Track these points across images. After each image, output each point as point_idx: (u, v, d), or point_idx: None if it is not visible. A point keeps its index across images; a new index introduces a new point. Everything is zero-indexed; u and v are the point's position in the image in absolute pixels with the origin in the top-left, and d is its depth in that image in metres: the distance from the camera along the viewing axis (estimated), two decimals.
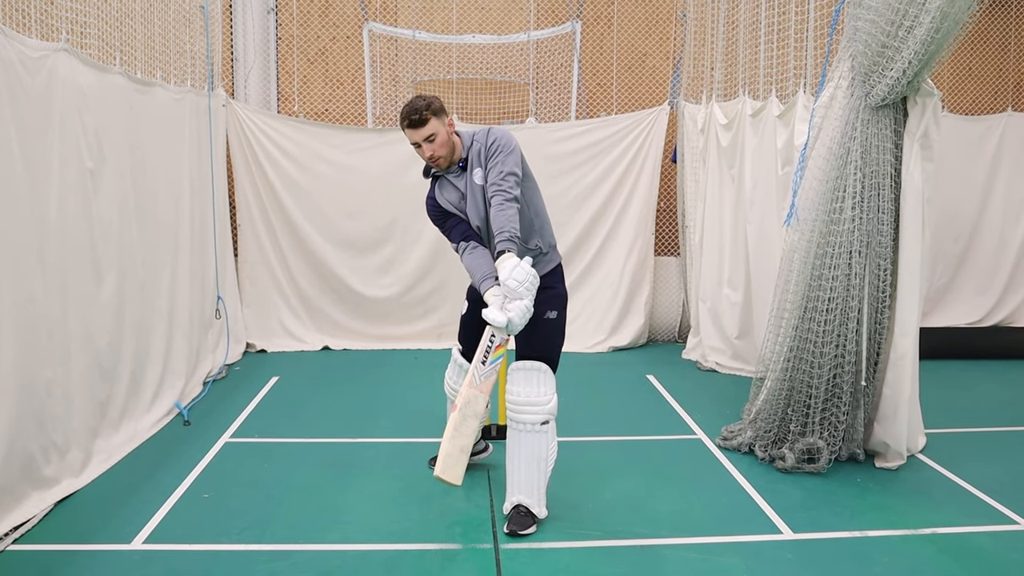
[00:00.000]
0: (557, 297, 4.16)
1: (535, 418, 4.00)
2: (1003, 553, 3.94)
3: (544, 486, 4.12)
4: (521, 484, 4.08)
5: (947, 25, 4.36)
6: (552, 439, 4.08)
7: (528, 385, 4.03)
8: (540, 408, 4.00)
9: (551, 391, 4.05)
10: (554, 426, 4.09)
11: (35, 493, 4.20)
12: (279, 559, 3.81)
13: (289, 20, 8.26)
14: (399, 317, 8.14)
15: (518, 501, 4.08)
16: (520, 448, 4.06)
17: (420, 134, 3.94)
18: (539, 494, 4.10)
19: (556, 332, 4.15)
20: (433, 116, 3.93)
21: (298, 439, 5.47)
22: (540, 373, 4.04)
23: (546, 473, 4.10)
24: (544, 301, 4.05)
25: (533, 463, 4.04)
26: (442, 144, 3.98)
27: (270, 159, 7.84)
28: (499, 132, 4.02)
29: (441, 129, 3.97)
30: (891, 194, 4.78)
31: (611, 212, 8.16)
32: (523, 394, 4.02)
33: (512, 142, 3.98)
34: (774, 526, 4.21)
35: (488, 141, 3.99)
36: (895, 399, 4.91)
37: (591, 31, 8.49)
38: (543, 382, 4.04)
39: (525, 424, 4.01)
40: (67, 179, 4.57)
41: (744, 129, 6.90)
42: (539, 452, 4.04)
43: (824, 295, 4.83)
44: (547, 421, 4.02)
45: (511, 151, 3.94)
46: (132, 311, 5.40)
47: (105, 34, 5.16)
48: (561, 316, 4.17)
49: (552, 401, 4.04)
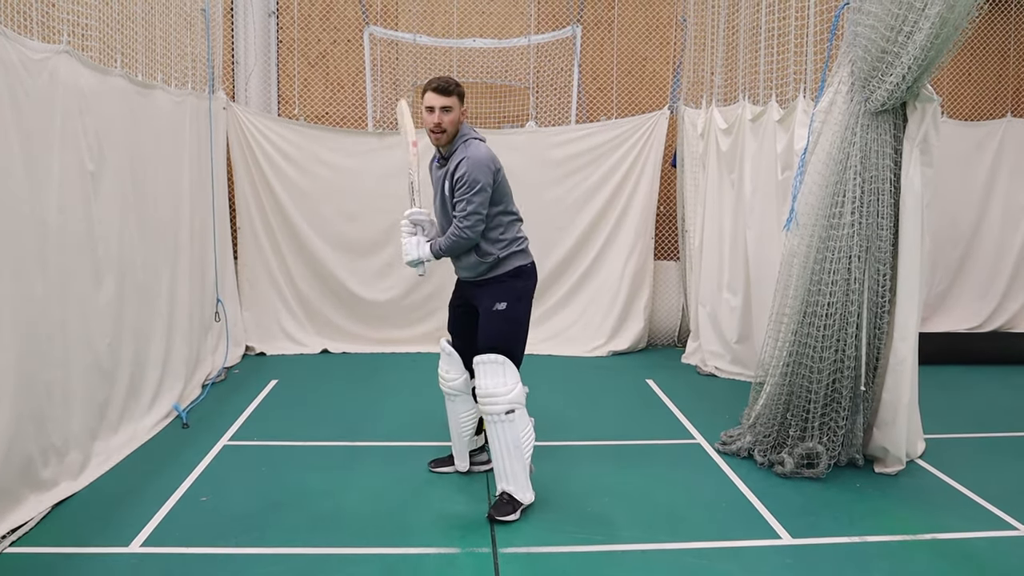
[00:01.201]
0: (507, 290, 4.39)
1: (498, 408, 4.21)
2: (1002, 559, 3.94)
3: (523, 471, 4.29)
4: (501, 472, 4.30)
5: (946, 31, 4.37)
6: (522, 427, 4.26)
7: (486, 377, 4.27)
8: (501, 398, 4.21)
9: (512, 380, 4.26)
10: (522, 413, 4.27)
11: (33, 495, 4.19)
12: (277, 563, 3.80)
13: (290, 23, 8.27)
14: (398, 320, 8.14)
15: (502, 489, 4.30)
16: (494, 438, 4.28)
17: (441, 100, 4.27)
18: (520, 479, 4.28)
19: (508, 323, 4.37)
20: (457, 96, 4.33)
21: (297, 442, 5.47)
22: (496, 364, 4.26)
23: (523, 459, 4.28)
24: (492, 294, 4.39)
25: (507, 451, 4.25)
26: (451, 122, 4.32)
27: (270, 162, 7.85)
28: (469, 167, 4.24)
29: (457, 109, 4.33)
30: (890, 199, 4.78)
31: (611, 216, 8.17)
32: (483, 386, 4.26)
33: (478, 182, 4.22)
34: (773, 531, 4.21)
35: (457, 172, 4.28)
36: (894, 404, 4.91)
37: (591, 35, 8.50)
38: (500, 372, 4.26)
39: (491, 416, 4.24)
40: (67, 181, 4.57)
41: (744, 134, 6.91)
42: (510, 440, 4.24)
43: (824, 300, 4.83)
44: (512, 410, 4.22)
45: (477, 190, 4.23)
46: (132, 313, 5.40)
47: (106, 36, 5.16)
48: (513, 308, 4.38)
49: (514, 391, 4.24)
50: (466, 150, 4.30)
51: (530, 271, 4.51)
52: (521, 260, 4.46)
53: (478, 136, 4.43)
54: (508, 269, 4.41)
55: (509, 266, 4.41)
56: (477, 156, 4.25)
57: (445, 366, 4.71)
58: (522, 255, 4.47)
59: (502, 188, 4.39)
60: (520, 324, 4.44)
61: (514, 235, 4.46)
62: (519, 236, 4.50)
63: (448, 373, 4.68)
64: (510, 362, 4.29)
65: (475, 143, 4.34)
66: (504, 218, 4.42)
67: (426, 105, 4.31)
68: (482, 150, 4.31)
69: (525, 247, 4.52)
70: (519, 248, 4.46)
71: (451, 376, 4.67)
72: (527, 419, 4.33)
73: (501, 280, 4.41)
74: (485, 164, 4.26)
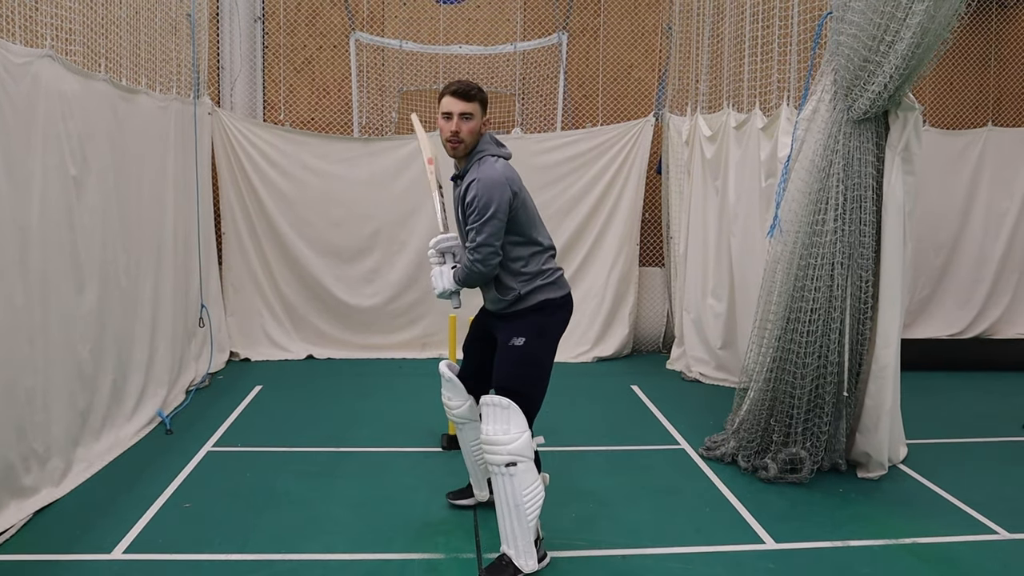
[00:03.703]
0: (528, 325, 3.86)
1: (498, 459, 3.66)
2: (982, 563, 3.97)
3: (525, 536, 3.71)
4: (504, 531, 3.75)
5: (928, 40, 4.42)
6: (526, 483, 3.67)
7: (488, 422, 3.74)
8: (502, 448, 3.65)
9: (516, 429, 3.68)
10: (526, 468, 3.67)
11: (14, 502, 4.16)
12: (261, 569, 3.79)
13: (276, 29, 8.26)
14: (383, 326, 8.13)
15: (503, 550, 3.77)
16: (496, 491, 3.75)
17: (460, 106, 3.78)
18: (520, 545, 3.72)
19: (524, 362, 3.83)
20: (480, 103, 3.84)
21: (281, 448, 5.44)
22: (500, 409, 3.72)
23: (525, 522, 3.69)
24: (511, 328, 3.87)
25: (507, 509, 3.70)
26: (471, 131, 3.82)
27: (256, 168, 7.83)
28: (479, 190, 3.72)
29: (478, 118, 3.84)
30: (873, 206, 4.83)
31: (596, 223, 8.19)
32: (485, 432, 3.74)
33: (489, 208, 3.70)
34: (756, 536, 4.23)
35: (467, 196, 3.79)
36: (877, 410, 4.95)
37: (577, 43, 8.53)
38: (504, 419, 3.70)
39: (491, 466, 3.71)
40: (50, 186, 4.54)
41: (728, 141, 6.95)
42: (509, 498, 3.67)
43: (807, 306, 4.86)
44: (513, 463, 3.64)
45: (487, 218, 3.71)
46: (114, 319, 5.37)
47: (90, 41, 5.14)
48: (531, 345, 3.83)
49: (518, 440, 3.66)
50: (479, 169, 3.78)
51: (559, 304, 3.93)
52: (549, 293, 3.89)
53: (498, 152, 3.90)
54: (532, 303, 3.87)
55: (533, 300, 3.86)
56: (490, 177, 3.72)
57: (448, 393, 4.26)
58: (550, 288, 3.90)
59: (522, 215, 3.84)
60: (538, 364, 3.87)
61: (539, 267, 3.89)
62: (546, 268, 3.91)
63: (451, 400, 4.25)
64: (516, 407, 3.71)
65: (491, 161, 3.82)
66: (525, 249, 3.87)
67: (443, 111, 3.80)
68: (497, 170, 3.76)
69: (555, 279, 3.93)
70: (546, 281, 3.89)
71: (455, 404, 4.23)
72: (534, 475, 3.71)
73: (522, 315, 3.87)
74: (499, 187, 3.71)
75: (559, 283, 3.96)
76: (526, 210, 3.88)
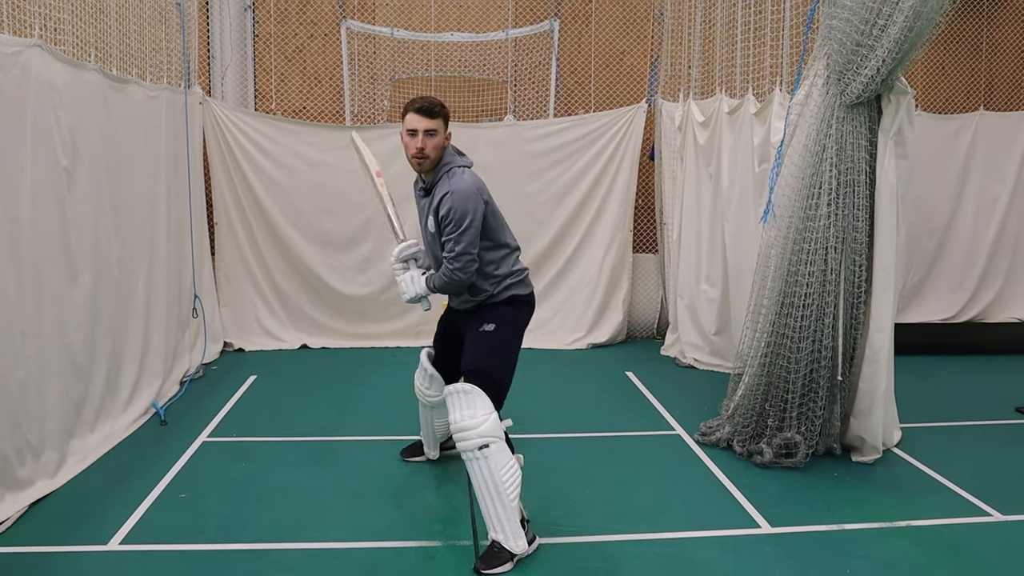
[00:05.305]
0: (499, 314, 4.06)
1: (470, 443, 3.73)
2: (975, 545, 4.00)
3: (510, 518, 3.75)
4: (489, 517, 3.79)
5: (920, 24, 4.42)
6: (501, 463, 3.75)
7: (455, 410, 3.82)
8: (472, 432, 3.74)
9: (482, 412, 3.79)
10: (499, 448, 3.76)
11: (9, 495, 4.15)
12: (257, 559, 3.79)
13: (266, 17, 8.21)
14: (377, 315, 8.12)
15: (492, 538, 3.80)
16: (474, 479, 3.79)
17: (425, 123, 3.91)
18: (507, 527, 3.75)
19: (493, 346, 4.01)
20: (443, 118, 3.99)
21: (276, 438, 5.44)
22: (464, 395, 3.83)
23: (507, 503, 3.74)
24: (483, 317, 4.06)
25: (488, 492, 3.75)
26: (435, 147, 3.96)
27: (247, 157, 7.79)
28: (455, 202, 3.86)
29: (442, 134, 3.98)
30: (866, 191, 4.83)
31: (589, 209, 8.19)
32: (454, 420, 3.82)
33: (466, 217, 3.85)
34: (752, 520, 4.25)
35: (441, 209, 3.91)
36: (871, 394, 4.97)
37: (569, 29, 8.50)
38: (470, 404, 3.81)
39: (464, 452, 3.77)
40: (41, 177, 4.51)
41: (721, 127, 6.94)
42: (487, 481, 3.73)
43: (800, 291, 4.87)
44: (485, 445, 3.73)
45: (464, 228, 3.86)
46: (107, 310, 5.35)
47: (79, 30, 5.10)
48: (501, 332, 4.02)
49: (486, 422, 3.76)
50: (450, 182, 3.92)
51: (525, 300, 4.16)
52: (517, 290, 4.12)
53: (463, 162, 4.06)
54: (501, 298, 4.09)
55: (503, 296, 4.09)
56: (463, 189, 3.87)
57: (426, 383, 4.59)
58: (519, 285, 4.13)
59: (491, 220, 4.01)
60: (507, 350, 4.05)
61: (509, 269, 4.11)
62: (515, 269, 4.14)
63: (428, 389, 4.60)
64: (479, 390, 3.83)
65: (459, 173, 3.96)
66: (496, 253, 4.06)
67: (408, 128, 3.93)
68: (468, 181, 3.92)
69: (523, 278, 4.17)
70: (515, 280, 4.12)
71: (431, 393, 4.58)
72: (508, 454, 3.81)
73: (493, 307, 4.09)
74: (472, 198, 3.87)
75: (526, 281, 4.20)
76: (495, 215, 4.07)
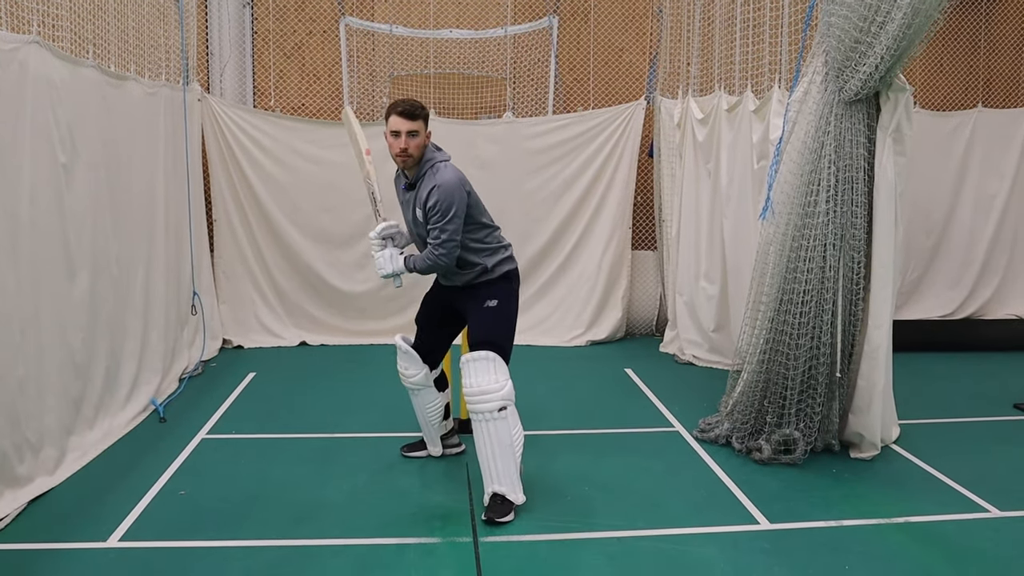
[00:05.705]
0: (500, 289, 4.39)
1: (490, 406, 4.14)
2: (972, 541, 4.01)
3: (516, 471, 4.22)
4: (493, 473, 4.19)
5: (919, 21, 4.42)
6: (514, 424, 4.20)
7: (478, 375, 4.19)
8: (493, 395, 4.14)
9: (503, 377, 4.20)
10: (513, 411, 4.20)
11: (8, 492, 4.15)
12: (256, 555, 3.80)
13: (265, 14, 8.20)
14: (376, 312, 8.12)
15: (494, 490, 4.19)
16: (484, 438, 4.18)
17: (407, 125, 4.19)
18: (512, 480, 4.20)
19: (499, 320, 4.36)
20: (423, 119, 4.26)
21: (275, 435, 5.45)
22: (487, 361, 4.20)
23: (515, 458, 4.21)
24: (485, 293, 4.38)
25: (499, 450, 4.16)
26: (417, 147, 4.24)
27: (246, 154, 7.78)
28: (441, 195, 4.17)
29: (423, 133, 4.26)
30: (864, 188, 4.83)
31: (588, 206, 8.19)
32: (475, 384, 4.17)
33: (451, 208, 4.17)
34: (751, 516, 4.26)
35: (428, 201, 4.22)
36: (869, 390, 4.97)
37: (568, 26, 8.50)
38: (492, 369, 4.20)
39: (483, 414, 4.14)
40: (39, 174, 4.51)
41: (720, 124, 6.94)
42: (503, 439, 4.16)
43: (799, 288, 4.87)
44: (504, 407, 4.15)
45: (450, 217, 4.19)
46: (106, 307, 5.35)
47: (78, 27, 5.09)
48: (504, 306, 4.38)
49: (505, 387, 4.18)
50: (435, 176, 4.23)
51: (516, 275, 4.52)
52: (509, 265, 4.46)
53: (443, 157, 4.36)
54: (498, 274, 4.41)
55: (497, 272, 4.41)
56: (448, 183, 4.19)
57: (404, 363, 4.75)
58: (509, 261, 4.48)
59: (473, 208, 4.34)
60: (510, 321, 4.42)
61: (497, 242, 4.46)
62: (503, 243, 4.49)
63: (408, 370, 4.74)
64: (499, 358, 4.24)
65: (442, 167, 4.27)
66: (480, 232, 4.39)
67: (391, 129, 4.21)
68: (450, 174, 4.23)
69: (511, 253, 4.52)
70: (506, 255, 4.46)
71: (411, 372, 4.73)
72: (518, 416, 4.26)
73: (491, 283, 4.40)
74: (456, 190, 4.20)
75: (512, 257, 4.54)
76: (476, 203, 4.40)
